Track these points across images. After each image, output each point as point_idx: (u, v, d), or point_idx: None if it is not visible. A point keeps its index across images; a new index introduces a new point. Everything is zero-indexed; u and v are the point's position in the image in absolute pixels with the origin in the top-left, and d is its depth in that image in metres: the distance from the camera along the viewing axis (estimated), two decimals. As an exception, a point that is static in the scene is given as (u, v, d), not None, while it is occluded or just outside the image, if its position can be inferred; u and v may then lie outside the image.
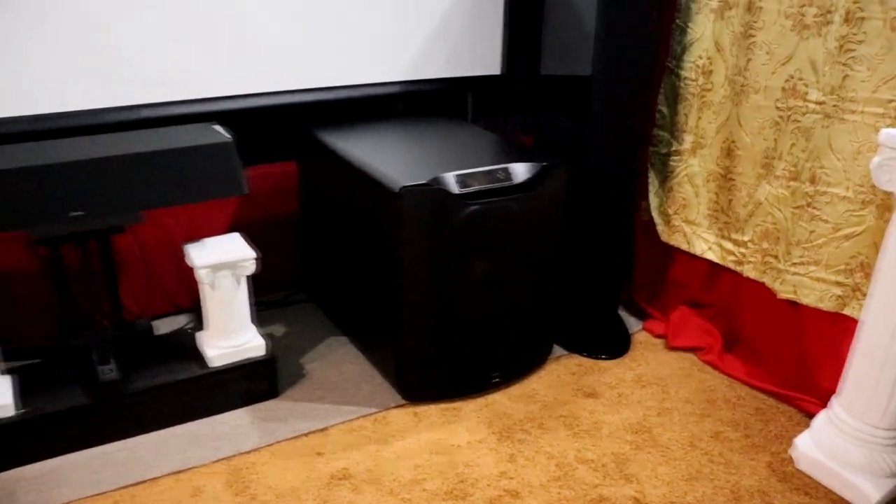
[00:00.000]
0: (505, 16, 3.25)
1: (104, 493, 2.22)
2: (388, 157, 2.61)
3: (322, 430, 2.50)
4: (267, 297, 3.19)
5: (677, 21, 2.89)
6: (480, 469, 2.36)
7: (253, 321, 2.58)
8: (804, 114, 2.53)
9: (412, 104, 3.32)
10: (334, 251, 2.91)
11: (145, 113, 2.62)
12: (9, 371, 2.41)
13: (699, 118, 2.91)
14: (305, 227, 3.15)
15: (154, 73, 2.63)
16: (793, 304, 2.69)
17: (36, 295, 2.76)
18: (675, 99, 2.98)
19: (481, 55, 3.25)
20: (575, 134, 2.85)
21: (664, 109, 3.01)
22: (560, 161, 2.61)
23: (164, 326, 2.95)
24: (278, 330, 3.04)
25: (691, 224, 3.03)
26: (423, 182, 2.34)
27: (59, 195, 2.13)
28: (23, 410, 2.28)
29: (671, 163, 3.04)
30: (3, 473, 2.29)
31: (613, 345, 3.04)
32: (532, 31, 3.18)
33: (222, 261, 2.39)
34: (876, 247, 2.38)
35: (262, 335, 2.59)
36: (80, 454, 2.36)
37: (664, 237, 3.13)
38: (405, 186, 2.31)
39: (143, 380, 2.42)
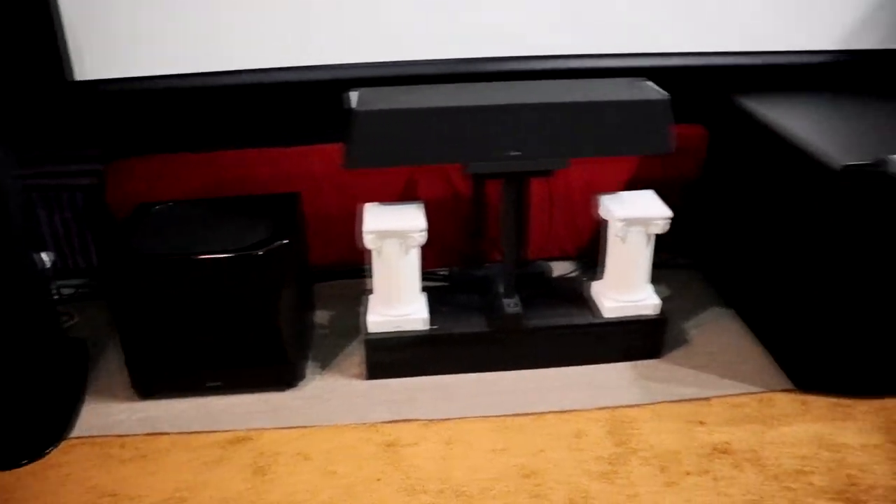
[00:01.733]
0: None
1: (494, 416, 2.39)
2: (821, 132, 2.45)
3: (704, 399, 2.47)
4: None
5: None
6: (875, 477, 2.20)
7: (647, 279, 2.61)
8: None
9: (845, 77, 3.09)
10: (737, 222, 2.82)
11: (575, 63, 2.71)
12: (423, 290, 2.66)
13: None
14: (705, 192, 3.09)
15: (594, 20, 2.73)
16: None
17: (445, 225, 2.99)
18: None
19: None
20: None
21: None
22: None
23: (554, 271, 3.07)
24: (661, 291, 3.01)
25: None
26: (865, 162, 2.18)
27: (501, 134, 2.28)
28: (434, 327, 2.50)
29: None
30: (408, 379, 2.55)
31: None
32: None
33: (638, 216, 2.42)
34: None
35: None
36: (475, 375, 2.56)
37: None
38: (847, 165, 2.17)
39: (541, 318, 2.55)
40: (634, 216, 2.42)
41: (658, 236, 2.50)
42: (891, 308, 2.36)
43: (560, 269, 3.10)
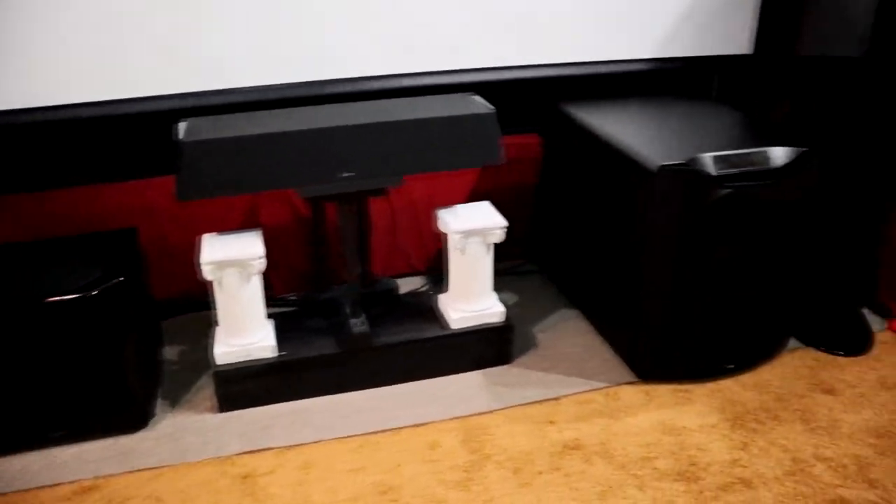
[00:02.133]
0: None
1: (350, 436, 2.38)
2: (640, 135, 2.59)
3: (553, 399, 2.55)
4: (497, 265, 3.28)
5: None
6: (712, 454, 2.33)
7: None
8: None
9: (657, 83, 3.27)
10: (572, 225, 2.94)
11: (406, 82, 2.76)
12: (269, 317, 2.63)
13: (976, 108, 2.70)
14: (543, 199, 3.20)
15: (415, 43, 2.77)
16: None
17: (290, 250, 2.98)
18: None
19: (732, 33, 3.15)
20: (833, 120, 2.71)
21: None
22: (819, 148, 2.49)
23: (401, 287, 3.10)
24: (509, 298, 3.11)
25: (955, 221, 2.82)
26: (680, 162, 2.32)
27: (333, 156, 2.29)
28: (283, 353, 2.48)
29: (937, 154, 2.83)
30: (261, 408, 2.51)
31: (853, 342, 2.88)
32: (789, 7, 3.04)
33: (475, 227, 2.48)
34: None
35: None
36: (328, 398, 2.54)
37: (921, 234, 2.93)
38: (663, 165, 2.30)
39: (389, 335, 2.57)
40: (471, 228, 2.47)
41: (507, 244, 2.57)
42: (715, 294, 2.52)
43: (410, 284, 3.14)
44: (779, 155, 2.43)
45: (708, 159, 2.34)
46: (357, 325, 2.51)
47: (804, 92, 2.94)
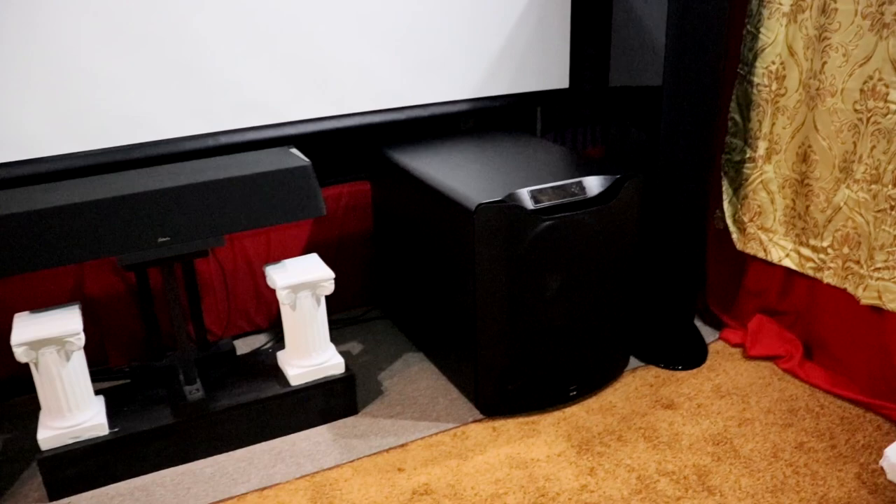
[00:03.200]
0: (571, 30, 3.27)
1: (193, 510, 2.29)
2: (459, 175, 2.63)
3: (401, 445, 2.53)
4: (343, 314, 3.25)
5: (748, 27, 2.86)
6: (561, 483, 2.36)
7: (330, 339, 2.63)
8: (885, 115, 2.48)
9: (482, 121, 3.35)
10: (408, 268, 2.94)
11: (224, 139, 2.70)
12: (99, 392, 2.50)
13: (773, 124, 2.88)
14: (379, 244, 3.20)
15: (232, 99, 2.72)
16: (876, 310, 2.63)
17: (123, 319, 2.86)
18: (747, 106, 2.94)
19: (549, 70, 3.26)
20: (646, 145, 2.84)
21: (736, 117, 2.98)
22: (633, 173, 2.60)
23: (243, 346, 3.02)
24: (355, 347, 3.08)
25: (767, 231, 2.99)
26: (498, 199, 2.36)
27: (147, 222, 2.21)
28: (115, 430, 2.36)
29: (745, 170, 3.00)
30: (98, 490, 2.37)
31: (690, 355, 3.00)
32: (599, 43, 3.18)
33: (302, 281, 2.44)
34: (964, 250, 2.32)
35: (340, 353, 2.63)
36: (169, 471, 2.43)
37: (739, 245, 3.09)
38: (480, 204, 2.33)
39: (228, 398, 2.48)
40: (300, 282, 2.44)
41: (351, 291, 2.54)
42: (550, 323, 2.57)
43: (252, 343, 3.06)
44: (593, 184, 2.52)
45: (525, 194, 2.39)
46: (192, 393, 2.41)
47: (618, 120, 3.07)
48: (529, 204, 2.39)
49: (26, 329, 2.22)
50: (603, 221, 2.53)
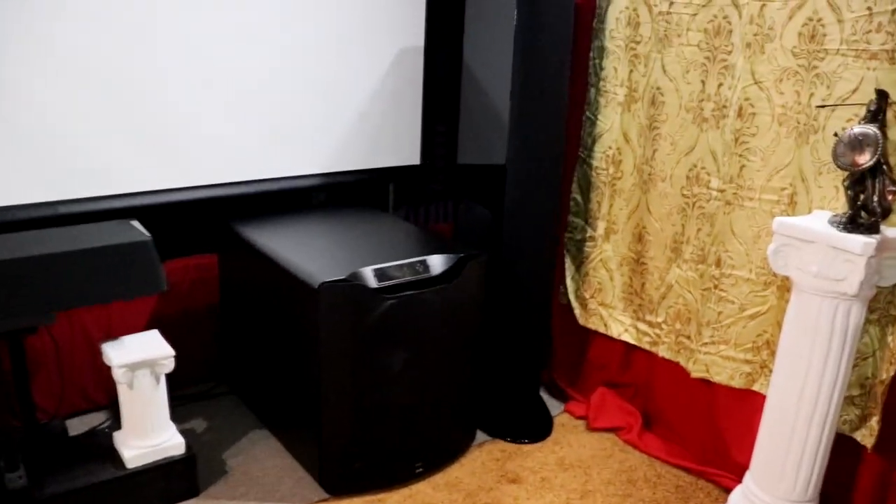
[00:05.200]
0: (423, 105, 3.36)
1: None
2: (305, 252, 2.64)
3: (243, 528, 2.46)
4: (188, 390, 3.15)
5: (587, 113, 3.03)
6: (405, 562, 2.35)
7: (172, 417, 2.54)
8: (707, 200, 2.67)
9: (335, 195, 3.37)
10: (254, 344, 2.90)
11: (62, 209, 2.60)
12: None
13: (611, 205, 3.03)
14: (226, 319, 3.14)
15: (69, 168, 2.62)
16: (706, 382, 2.77)
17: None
18: (587, 187, 3.09)
19: (401, 146, 3.34)
20: (491, 222, 2.93)
21: (578, 197, 3.12)
22: (477, 252, 2.68)
23: (80, 425, 2.87)
24: (199, 424, 2.98)
25: (607, 307, 3.12)
26: (341, 277, 2.38)
27: (-31, 298, 2.10)
28: (-75, 525, 2.19)
29: (586, 248, 3.14)
30: None
31: (536, 428, 3.07)
32: (449, 120, 3.28)
33: (140, 359, 2.36)
34: (779, 325, 2.48)
35: (181, 432, 2.54)
36: (-11, 566, 2.27)
37: (582, 320, 3.21)
38: (324, 283, 2.34)
39: (56, 484, 2.33)
40: (137, 360, 2.35)
41: (197, 366, 2.46)
42: (395, 399, 2.57)
43: (90, 422, 2.91)
44: (437, 262, 2.57)
45: (369, 272, 2.42)
46: (13, 480, 2.27)
47: (466, 197, 3.16)
48: (373, 282, 2.41)
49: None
50: (446, 300, 2.58)
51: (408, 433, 2.65)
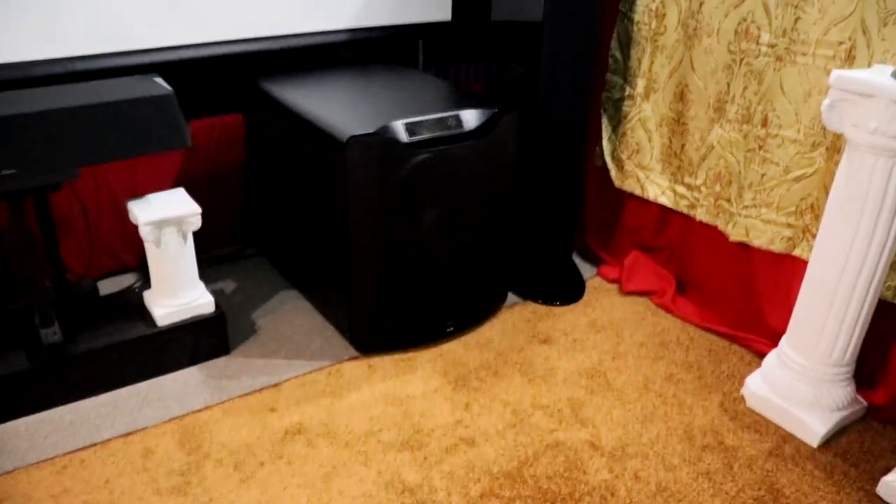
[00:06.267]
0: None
1: (51, 458, 2.17)
2: (334, 107, 2.54)
3: (274, 385, 2.47)
4: (216, 252, 3.13)
5: (629, -37, 2.85)
6: (436, 418, 2.36)
7: (200, 278, 2.53)
8: (756, 56, 2.51)
9: (361, 52, 3.24)
10: (282, 204, 2.85)
11: (80, 65, 2.51)
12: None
13: (652, 62, 2.88)
14: (252, 179, 3.08)
15: (89, 23, 2.52)
16: (744, 247, 2.70)
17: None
18: (627, 43, 2.94)
19: (431, 1, 3.17)
20: (525, 80, 2.81)
21: (617, 54, 2.97)
22: (511, 107, 2.56)
23: (110, 286, 2.87)
24: (228, 286, 2.98)
25: (644, 169, 3.02)
26: (371, 131, 2.29)
27: (-9, 153, 2.04)
28: (-35, 377, 2.22)
29: (624, 108, 3.02)
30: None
31: (568, 291, 3.03)
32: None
33: (166, 217, 2.32)
34: (825, 189, 2.39)
35: (211, 291, 2.53)
36: (26, 420, 2.30)
37: (617, 182, 3.12)
38: (352, 136, 2.25)
39: (89, 341, 2.35)
40: (164, 217, 2.31)
41: (217, 228, 2.43)
42: (426, 258, 2.53)
43: (119, 283, 2.92)
44: (470, 117, 2.47)
45: (399, 126, 2.33)
46: (48, 336, 2.28)
47: (498, 55, 3.02)
48: (404, 136, 2.33)
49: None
50: (479, 155, 2.49)
51: (439, 292, 2.62)
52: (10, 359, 2.29)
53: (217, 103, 2.99)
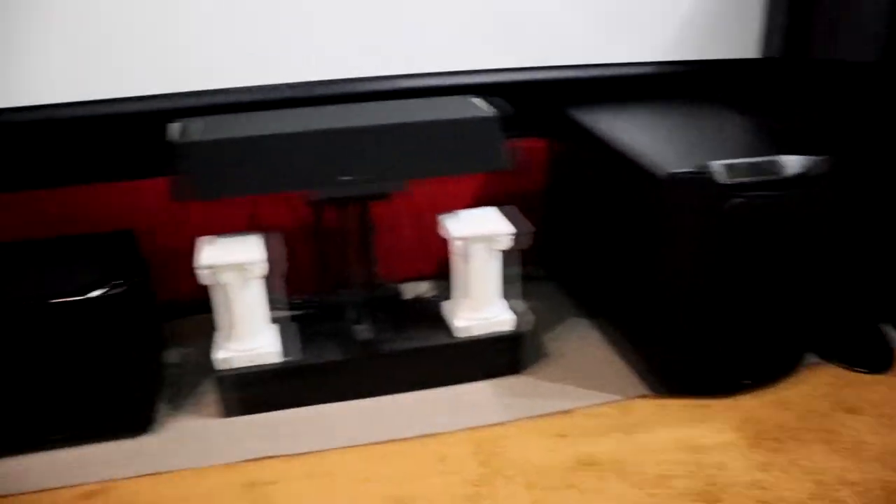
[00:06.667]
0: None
1: (356, 445, 2.30)
2: (646, 141, 2.50)
3: (566, 412, 2.45)
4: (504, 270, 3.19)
5: None
6: (731, 474, 2.22)
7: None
8: None
9: (660, 87, 3.19)
10: (583, 232, 2.85)
11: (404, 83, 2.67)
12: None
13: None
14: (551, 205, 3.11)
15: (415, 44, 2.68)
16: None
17: (294, 252, 2.88)
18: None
19: (736, 38, 3.09)
20: (846, 128, 2.61)
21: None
22: (839, 156, 2.40)
23: (406, 292, 3.00)
24: (516, 305, 3.02)
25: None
26: (690, 169, 2.23)
27: (332, 160, 2.22)
28: (287, 359, 2.40)
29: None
30: (265, 414, 2.44)
31: (874, 358, 2.78)
32: (800, 10, 2.95)
33: (478, 233, 2.39)
34: None
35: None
36: (334, 406, 2.47)
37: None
38: (671, 173, 2.21)
39: (395, 342, 2.48)
40: (474, 234, 2.39)
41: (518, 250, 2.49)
42: (733, 307, 2.42)
43: (414, 290, 3.05)
44: (792, 163, 2.33)
45: (719, 167, 2.24)
46: (362, 332, 2.42)
47: (817, 97, 2.85)
48: (724, 178, 2.24)
49: (211, 253, 2.27)
50: (798, 205, 2.35)
51: (740, 343, 2.49)
52: (325, 349, 2.47)
53: (520, 126, 3.05)
